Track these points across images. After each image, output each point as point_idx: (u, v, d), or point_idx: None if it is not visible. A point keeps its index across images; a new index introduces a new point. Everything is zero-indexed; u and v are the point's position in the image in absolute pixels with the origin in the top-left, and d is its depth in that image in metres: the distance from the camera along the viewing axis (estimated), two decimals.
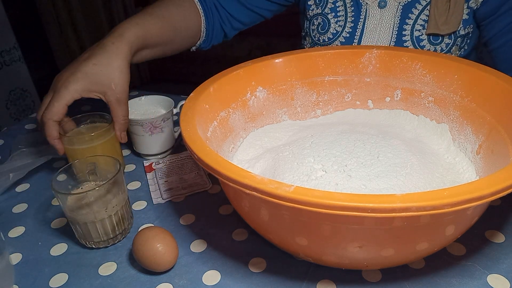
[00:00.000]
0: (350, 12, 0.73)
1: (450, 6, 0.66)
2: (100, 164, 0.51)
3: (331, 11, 0.74)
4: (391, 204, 0.31)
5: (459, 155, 0.53)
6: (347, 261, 0.42)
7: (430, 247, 0.40)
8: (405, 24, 0.70)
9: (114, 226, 0.49)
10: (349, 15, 0.73)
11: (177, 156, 0.66)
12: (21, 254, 0.50)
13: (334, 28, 0.74)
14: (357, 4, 0.73)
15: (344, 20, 0.74)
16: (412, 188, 0.44)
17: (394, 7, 0.71)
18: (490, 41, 0.70)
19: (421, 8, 0.69)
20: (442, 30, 0.67)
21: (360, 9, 0.73)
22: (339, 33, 0.74)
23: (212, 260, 0.47)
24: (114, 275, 0.46)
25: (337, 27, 0.74)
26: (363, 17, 0.73)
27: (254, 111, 0.60)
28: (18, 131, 0.77)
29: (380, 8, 0.71)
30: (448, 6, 0.66)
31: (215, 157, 0.38)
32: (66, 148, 0.57)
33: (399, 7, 0.70)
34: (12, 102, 1.64)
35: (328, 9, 0.75)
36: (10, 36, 1.60)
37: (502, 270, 0.43)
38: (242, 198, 0.42)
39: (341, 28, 0.74)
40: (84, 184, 0.51)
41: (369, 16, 0.72)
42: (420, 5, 0.69)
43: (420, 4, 0.69)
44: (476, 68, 0.52)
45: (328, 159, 0.48)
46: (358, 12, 0.73)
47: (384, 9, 0.71)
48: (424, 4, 0.69)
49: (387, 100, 0.62)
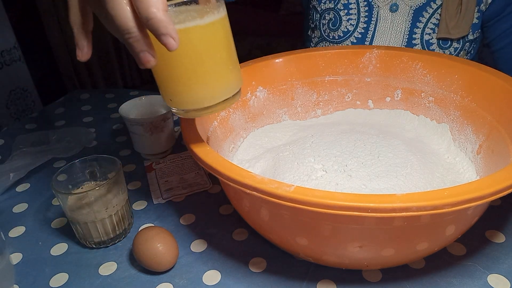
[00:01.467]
0: (363, 12, 0.73)
1: (462, 10, 0.66)
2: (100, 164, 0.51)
3: (344, 7, 0.74)
4: (391, 204, 0.31)
5: (459, 155, 0.53)
6: (347, 261, 0.42)
7: (430, 247, 0.40)
8: (415, 27, 0.70)
9: (114, 226, 0.49)
10: (361, 16, 0.73)
11: (178, 156, 0.66)
12: (21, 254, 0.50)
13: (345, 26, 0.74)
14: (369, 7, 0.72)
15: (357, 20, 0.73)
16: (412, 188, 0.44)
17: (405, 12, 0.70)
18: (493, 42, 0.70)
19: (431, 11, 0.69)
20: (453, 34, 0.67)
21: (372, 12, 0.72)
22: (350, 33, 0.74)
23: (212, 260, 0.47)
24: (115, 275, 0.46)
25: (349, 25, 0.74)
26: (375, 19, 0.72)
27: (254, 111, 0.60)
28: (19, 131, 0.77)
29: (392, 12, 0.71)
30: (459, 10, 0.66)
31: (216, 157, 0.38)
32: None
33: (410, 12, 0.70)
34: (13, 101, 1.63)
35: (341, 5, 0.74)
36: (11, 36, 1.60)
37: (502, 270, 0.43)
38: (242, 198, 0.42)
39: (353, 27, 0.74)
40: (84, 184, 0.51)
41: (381, 19, 0.72)
42: (431, 8, 0.69)
43: (431, 7, 0.69)
44: (476, 68, 0.52)
45: (328, 159, 0.48)
46: (370, 14, 0.72)
47: (395, 13, 0.71)
48: (434, 7, 0.69)
49: (387, 100, 0.62)
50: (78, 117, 0.82)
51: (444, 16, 0.67)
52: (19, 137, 0.72)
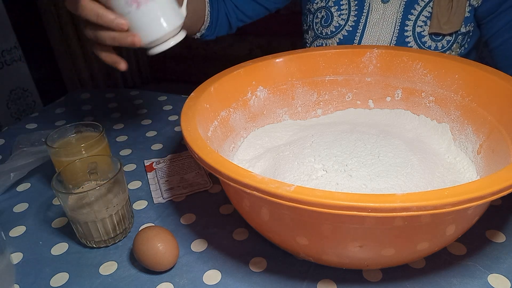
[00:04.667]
0: (353, 6, 0.73)
1: (453, 5, 0.66)
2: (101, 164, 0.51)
3: (335, 4, 0.74)
4: (391, 203, 0.31)
5: (459, 155, 0.53)
6: (347, 261, 0.42)
7: (430, 246, 0.40)
8: (407, 20, 0.70)
9: (114, 225, 0.49)
10: (352, 9, 0.73)
11: (178, 156, 0.66)
12: (22, 254, 0.50)
13: (337, 21, 0.74)
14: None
15: (347, 14, 0.74)
16: (412, 188, 0.44)
17: (397, 3, 0.71)
18: (490, 39, 0.70)
19: (423, 4, 0.69)
20: (445, 30, 0.67)
21: (364, 4, 0.73)
22: (341, 27, 0.74)
23: (212, 260, 0.47)
24: (115, 274, 0.46)
25: (340, 20, 0.74)
26: (366, 11, 0.73)
27: (255, 110, 0.60)
28: (19, 131, 0.77)
29: (384, 3, 0.71)
30: (451, 6, 0.66)
31: (216, 157, 0.38)
32: (53, 160, 0.54)
33: (402, 3, 0.70)
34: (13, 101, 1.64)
35: (331, 2, 0.75)
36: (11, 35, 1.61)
37: (502, 270, 0.43)
38: (242, 197, 0.42)
39: (344, 21, 0.74)
40: (84, 184, 0.51)
41: (372, 11, 0.72)
42: (423, 1, 0.69)
43: (422, 0, 0.69)
44: (477, 67, 0.52)
45: (328, 158, 0.48)
46: (362, 6, 0.73)
47: (387, 4, 0.71)
48: (426, 0, 0.69)
49: (387, 100, 0.62)
50: (78, 116, 0.82)
51: (435, 12, 0.67)
52: (20, 137, 0.72)
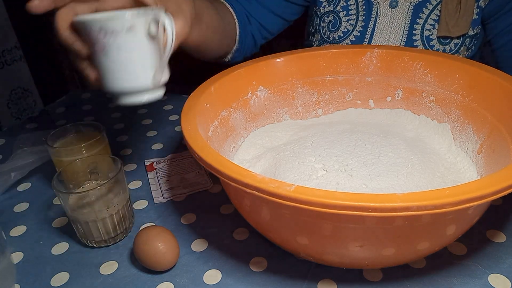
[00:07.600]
0: (361, 11, 0.73)
1: (461, 8, 0.66)
2: (101, 163, 0.52)
3: (343, 9, 0.74)
4: (392, 203, 0.31)
5: (460, 155, 0.53)
6: (348, 261, 0.42)
7: (431, 246, 0.40)
8: (415, 23, 0.70)
9: (115, 225, 0.49)
10: (360, 14, 0.73)
11: (178, 156, 0.66)
12: (22, 253, 0.50)
13: (345, 26, 0.74)
14: (368, 3, 0.72)
15: (356, 19, 0.73)
16: (413, 188, 0.44)
17: (405, 7, 0.70)
18: (494, 39, 0.70)
19: (431, 7, 0.69)
20: (453, 33, 0.67)
21: (371, 8, 0.72)
22: (349, 32, 0.74)
23: (213, 259, 0.47)
24: (115, 274, 0.46)
25: (348, 25, 0.74)
26: (374, 16, 0.72)
27: (255, 110, 0.60)
28: (20, 131, 0.77)
29: (392, 8, 0.71)
30: (459, 9, 0.66)
31: (216, 157, 0.38)
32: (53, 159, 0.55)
33: (410, 7, 0.70)
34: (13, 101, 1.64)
35: (340, 7, 0.74)
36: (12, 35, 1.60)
37: (503, 270, 0.43)
38: (243, 197, 0.42)
39: (352, 26, 0.74)
40: (85, 183, 0.51)
41: (380, 16, 0.72)
42: (431, 4, 0.69)
43: (430, 3, 0.69)
44: (477, 67, 0.52)
45: (329, 158, 0.48)
46: (369, 11, 0.73)
47: (395, 9, 0.71)
48: (434, 4, 0.69)
49: (388, 100, 0.62)
50: (79, 116, 0.82)
51: (444, 15, 0.67)
52: (20, 137, 0.72)
